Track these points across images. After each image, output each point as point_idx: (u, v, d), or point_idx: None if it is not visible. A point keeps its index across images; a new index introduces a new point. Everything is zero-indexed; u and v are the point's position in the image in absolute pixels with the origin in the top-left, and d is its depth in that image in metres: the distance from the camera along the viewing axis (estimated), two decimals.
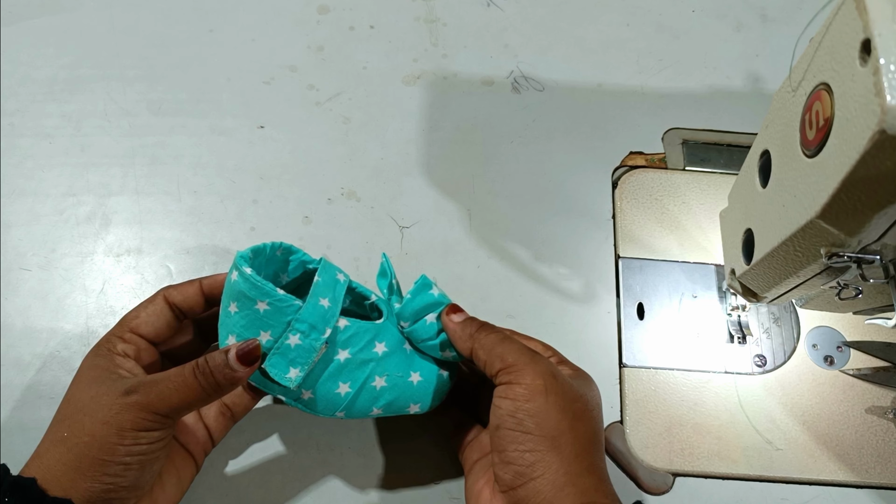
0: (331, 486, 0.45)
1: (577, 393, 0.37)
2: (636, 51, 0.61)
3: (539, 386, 0.35)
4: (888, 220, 0.29)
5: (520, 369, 0.36)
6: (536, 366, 0.36)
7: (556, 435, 0.34)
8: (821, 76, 0.31)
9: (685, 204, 0.54)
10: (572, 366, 0.41)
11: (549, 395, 0.35)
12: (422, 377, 0.41)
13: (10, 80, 0.57)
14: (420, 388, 0.40)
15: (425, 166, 0.55)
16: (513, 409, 0.35)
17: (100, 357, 0.38)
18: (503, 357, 0.36)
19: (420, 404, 0.41)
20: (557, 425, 0.35)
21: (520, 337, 0.42)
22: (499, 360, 0.36)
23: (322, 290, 0.39)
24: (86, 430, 0.35)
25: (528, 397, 0.35)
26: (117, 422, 0.35)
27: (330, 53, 0.60)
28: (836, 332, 0.50)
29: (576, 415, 0.36)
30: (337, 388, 0.39)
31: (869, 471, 0.46)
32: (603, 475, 0.36)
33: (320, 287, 0.39)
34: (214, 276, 0.42)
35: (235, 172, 0.55)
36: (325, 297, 0.39)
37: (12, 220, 0.52)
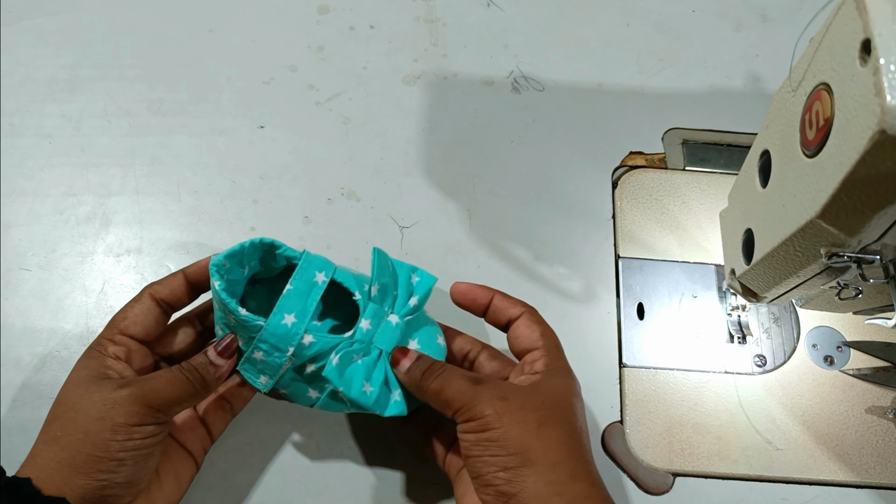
0: (331, 486, 0.45)
1: (537, 402, 0.36)
2: (636, 51, 0.61)
3: (489, 416, 0.35)
4: (888, 220, 0.29)
5: (469, 407, 0.36)
6: (481, 396, 0.36)
7: (522, 450, 0.35)
8: (821, 76, 0.31)
9: (685, 204, 0.54)
10: (552, 363, 0.40)
11: (503, 418, 0.35)
12: (372, 386, 0.39)
13: (10, 80, 0.57)
14: (372, 396, 0.39)
15: (425, 166, 0.55)
16: (475, 440, 0.36)
17: (90, 359, 0.38)
18: (450, 402, 0.37)
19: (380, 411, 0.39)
20: (522, 441, 0.35)
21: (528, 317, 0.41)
22: (448, 407, 0.37)
23: (290, 304, 0.39)
24: (79, 427, 0.35)
25: (483, 427, 0.35)
26: (110, 417, 0.35)
27: (330, 53, 0.60)
28: (836, 332, 0.50)
29: (540, 423, 0.35)
30: (308, 392, 0.41)
31: (869, 471, 0.46)
32: (593, 479, 0.36)
33: (289, 299, 0.39)
34: (196, 263, 0.42)
35: (235, 172, 0.55)
36: (293, 311, 0.38)
37: (12, 220, 0.52)
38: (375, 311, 0.40)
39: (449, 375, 0.38)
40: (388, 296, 0.41)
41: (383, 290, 0.41)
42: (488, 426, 0.35)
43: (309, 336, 0.39)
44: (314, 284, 0.40)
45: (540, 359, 0.40)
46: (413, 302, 0.41)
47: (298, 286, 0.39)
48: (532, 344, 0.41)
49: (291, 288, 0.39)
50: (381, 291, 0.40)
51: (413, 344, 0.41)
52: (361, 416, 0.47)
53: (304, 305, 0.39)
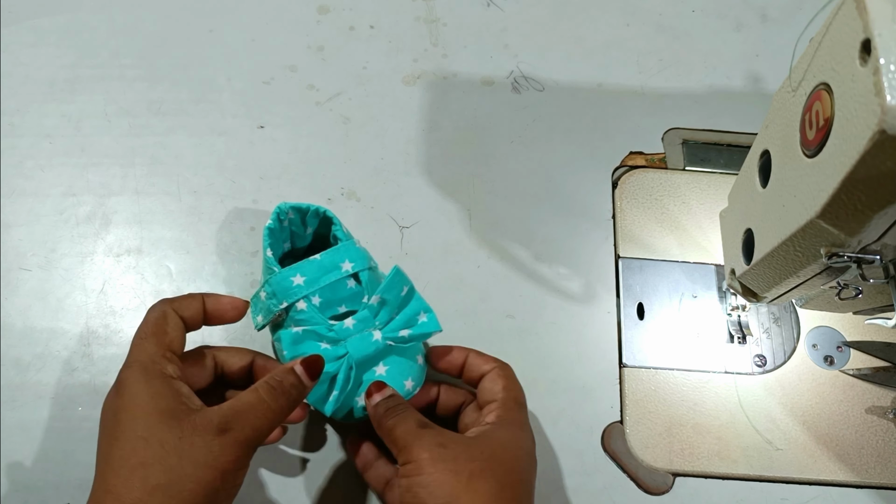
0: (331, 486, 0.45)
1: (475, 452, 0.37)
2: (636, 51, 0.61)
3: (425, 458, 0.36)
4: (888, 220, 0.29)
5: (409, 448, 0.37)
6: (421, 440, 0.37)
7: (450, 500, 0.35)
8: (821, 76, 0.31)
9: (685, 204, 0.54)
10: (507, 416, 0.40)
11: (437, 463, 0.36)
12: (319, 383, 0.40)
13: (10, 80, 0.57)
14: None
15: (425, 166, 0.55)
16: (407, 485, 0.36)
17: (156, 382, 0.36)
18: (396, 441, 0.38)
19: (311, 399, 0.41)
20: (451, 490, 0.35)
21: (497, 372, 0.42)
22: (394, 445, 0.38)
23: (307, 269, 0.42)
24: (188, 474, 0.33)
25: (417, 470, 0.36)
26: (220, 464, 0.34)
27: (330, 53, 0.60)
28: (836, 332, 0.50)
29: (472, 474, 0.36)
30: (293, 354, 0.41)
31: (869, 471, 0.46)
32: None
33: (309, 265, 0.42)
34: (216, 297, 0.41)
35: (235, 172, 0.55)
36: (305, 276, 0.42)
37: (12, 220, 0.52)
38: (364, 318, 0.41)
39: (403, 416, 0.38)
40: (384, 311, 0.42)
41: (382, 304, 0.42)
42: (422, 470, 0.36)
43: (303, 304, 0.41)
44: (338, 268, 0.42)
45: (494, 411, 0.40)
46: (404, 333, 0.42)
47: (325, 261, 0.42)
48: (492, 396, 0.41)
49: (319, 259, 0.42)
50: (380, 305, 0.42)
51: (381, 369, 0.42)
52: None
53: (317, 278, 0.42)
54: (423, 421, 0.38)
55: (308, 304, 0.42)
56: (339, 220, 0.46)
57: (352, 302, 0.45)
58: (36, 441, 0.46)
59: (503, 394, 0.41)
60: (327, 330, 0.41)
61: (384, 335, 0.41)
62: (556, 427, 0.47)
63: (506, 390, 0.41)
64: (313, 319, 0.41)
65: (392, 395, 0.40)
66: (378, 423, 0.39)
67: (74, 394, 0.47)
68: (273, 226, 0.45)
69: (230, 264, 0.51)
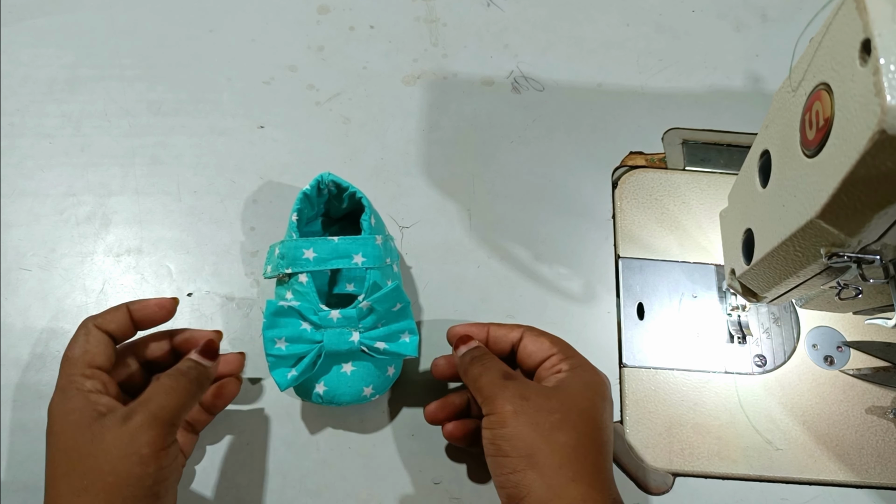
0: (331, 486, 0.45)
1: (555, 403, 0.37)
2: (636, 51, 0.61)
3: (508, 411, 0.37)
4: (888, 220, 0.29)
5: (492, 399, 0.38)
6: (505, 392, 0.37)
7: (531, 453, 0.36)
8: (821, 76, 0.31)
9: (685, 204, 0.54)
10: (574, 361, 0.40)
11: (519, 416, 0.36)
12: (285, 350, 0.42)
13: (10, 80, 0.57)
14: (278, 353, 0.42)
15: (425, 166, 0.55)
16: (490, 437, 0.37)
17: (72, 400, 0.37)
18: (481, 390, 0.39)
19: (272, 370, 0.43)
20: (532, 443, 0.36)
21: (531, 333, 0.42)
22: (479, 394, 0.39)
23: (321, 247, 0.43)
24: (104, 470, 0.34)
25: (500, 423, 0.37)
26: (135, 450, 0.34)
27: (330, 53, 0.60)
28: (836, 332, 0.50)
29: (553, 426, 0.36)
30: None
31: (869, 471, 0.46)
32: (595, 481, 0.36)
33: (324, 245, 0.43)
34: (141, 302, 0.42)
35: (235, 172, 0.55)
36: (318, 253, 0.43)
37: (12, 220, 0.52)
38: (349, 316, 0.42)
39: (489, 366, 0.39)
40: (370, 318, 0.43)
41: (371, 311, 0.43)
42: (505, 423, 0.36)
43: (305, 277, 0.43)
44: (349, 257, 0.44)
45: (563, 360, 0.40)
46: (380, 346, 0.43)
47: (339, 247, 0.44)
48: (546, 352, 0.41)
49: (335, 242, 0.44)
50: (368, 311, 0.43)
51: (347, 367, 0.43)
52: (361, 416, 0.47)
53: (327, 259, 0.43)
54: (507, 371, 0.39)
55: (309, 278, 0.43)
56: (371, 210, 0.47)
57: (360, 286, 0.46)
58: (36, 441, 0.46)
59: (557, 346, 0.41)
60: (313, 313, 0.42)
61: (361, 339, 0.42)
62: None
63: (555, 343, 0.42)
64: (308, 297, 0.43)
65: (477, 345, 0.42)
66: (464, 371, 0.41)
67: None
68: (309, 192, 0.46)
69: (230, 264, 0.51)
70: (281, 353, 0.42)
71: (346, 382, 0.43)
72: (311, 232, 0.51)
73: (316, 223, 0.51)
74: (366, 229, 0.46)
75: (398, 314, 0.44)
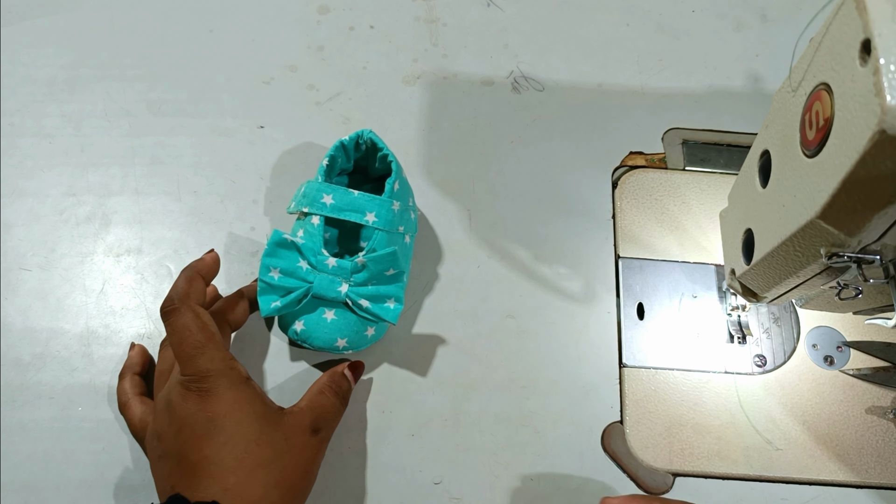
0: (331, 486, 0.45)
1: None
2: (636, 51, 0.61)
3: None
4: (888, 220, 0.29)
5: None
6: None
7: None
8: (821, 76, 0.31)
9: (685, 204, 0.54)
10: None
11: None
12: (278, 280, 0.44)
13: (10, 80, 0.57)
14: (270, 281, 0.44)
15: (425, 166, 0.55)
16: None
17: (243, 388, 0.39)
18: None
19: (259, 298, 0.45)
20: None
21: None
22: None
23: (340, 197, 0.45)
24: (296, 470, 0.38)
25: None
26: (317, 459, 0.40)
27: (330, 53, 0.60)
28: (836, 332, 0.50)
29: None
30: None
31: (869, 471, 0.46)
32: None
33: (344, 196, 0.45)
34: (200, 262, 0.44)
35: (235, 172, 0.55)
36: (335, 201, 0.45)
37: (12, 220, 0.52)
38: (343, 267, 0.44)
39: None
40: (361, 275, 0.44)
41: (364, 268, 0.44)
42: None
43: (317, 220, 0.45)
44: (363, 213, 0.45)
45: None
46: (364, 303, 0.44)
47: (357, 201, 0.45)
48: None
49: (355, 195, 0.46)
50: (362, 267, 0.44)
51: (329, 314, 0.45)
52: (361, 416, 0.47)
53: (341, 209, 0.45)
54: None
55: (321, 221, 0.45)
56: (398, 177, 0.48)
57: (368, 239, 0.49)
58: (36, 441, 0.46)
59: None
60: (312, 255, 0.44)
61: (348, 292, 0.44)
62: (556, 427, 0.47)
63: None
64: (314, 238, 0.45)
65: None
66: None
67: (74, 394, 0.47)
68: (347, 143, 0.48)
69: (230, 264, 0.51)
70: (273, 281, 0.43)
71: (323, 327, 0.45)
72: (338, 182, 0.52)
73: (343, 178, 0.53)
74: (387, 192, 0.47)
75: (390, 279, 0.45)
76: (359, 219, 0.45)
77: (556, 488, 0.46)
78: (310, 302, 0.45)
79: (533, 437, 0.47)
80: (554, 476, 0.46)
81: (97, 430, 0.46)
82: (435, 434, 0.47)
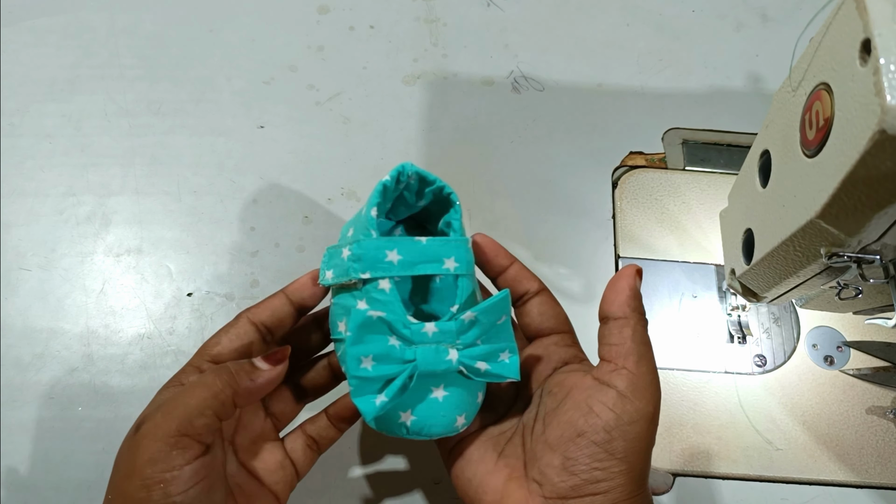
0: (331, 486, 0.45)
1: None
2: (636, 51, 0.61)
3: (648, 414, 0.32)
4: (888, 220, 0.29)
5: (641, 388, 0.32)
6: (655, 391, 0.33)
7: (635, 464, 0.32)
8: (821, 76, 0.31)
9: (685, 204, 0.54)
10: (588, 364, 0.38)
11: (651, 425, 0.32)
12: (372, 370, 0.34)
13: (10, 80, 0.57)
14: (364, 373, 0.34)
15: (425, 166, 0.55)
16: (611, 426, 0.32)
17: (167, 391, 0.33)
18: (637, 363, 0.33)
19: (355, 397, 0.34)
20: (644, 457, 0.32)
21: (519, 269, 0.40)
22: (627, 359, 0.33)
23: (407, 248, 0.36)
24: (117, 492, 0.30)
25: (633, 419, 0.32)
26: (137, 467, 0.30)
27: (330, 53, 0.60)
28: (836, 332, 0.50)
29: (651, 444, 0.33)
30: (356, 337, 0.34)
31: (869, 471, 0.46)
32: None
33: (411, 246, 0.36)
34: (298, 281, 0.38)
35: (235, 172, 0.55)
36: (403, 255, 0.36)
37: (12, 220, 0.52)
38: (448, 330, 0.35)
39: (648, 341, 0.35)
40: (472, 332, 0.35)
41: (474, 324, 0.35)
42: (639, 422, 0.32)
43: (387, 283, 0.35)
44: (440, 262, 0.36)
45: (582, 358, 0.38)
46: (480, 366, 0.35)
47: (429, 249, 0.36)
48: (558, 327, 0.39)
49: (424, 243, 0.36)
50: (471, 324, 0.35)
51: (439, 392, 0.35)
52: None
53: (414, 264, 0.36)
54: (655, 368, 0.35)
55: (392, 285, 0.35)
56: (460, 209, 0.40)
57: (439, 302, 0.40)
58: (36, 441, 0.46)
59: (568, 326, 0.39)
60: (403, 326, 0.34)
61: (461, 358, 0.35)
62: None
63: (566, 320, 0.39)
64: (392, 306, 0.35)
65: None
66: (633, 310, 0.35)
67: (74, 394, 0.47)
68: (389, 184, 0.38)
69: (230, 264, 0.51)
70: (368, 374, 0.34)
71: (438, 411, 0.35)
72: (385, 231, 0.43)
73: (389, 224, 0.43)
74: (457, 229, 0.39)
75: (500, 328, 0.36)
76: (437, 269, 0.36)
77: None
78: (415, 385, 0.34)
79: None
80: None
81: (97, 430, 0.46)
82: None
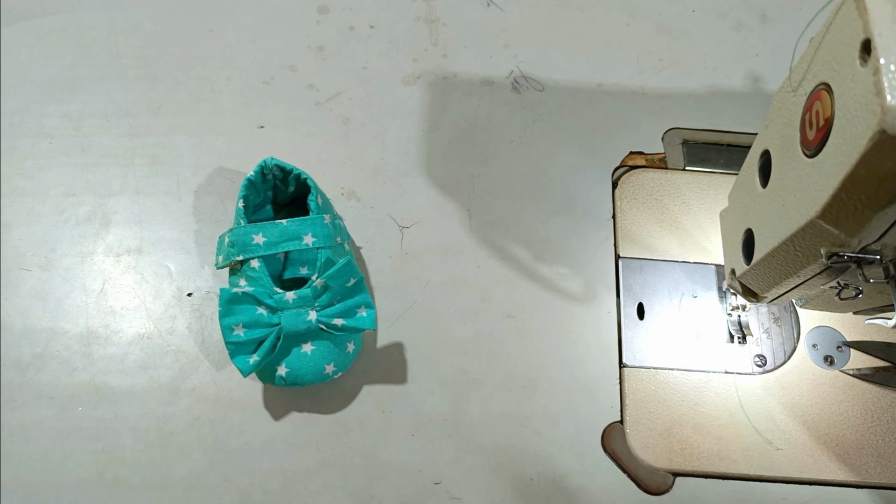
0: (331, 486, 0.45)
1: None
2: (636, 51, 0.61)
3: None
4: (888, 220, 0.29)
5: None
6: None
7: None
8: (821, 76, 0.31)
9: (685, 204, 0.54)
10: None
11: None
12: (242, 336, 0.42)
13: (10, 80, 0.57)
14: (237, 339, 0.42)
15: (425, 166, 0.55)
16: None
17: None
18: None
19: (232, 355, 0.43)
20: None
21: None
22: None
23: (270, 231, 0.44)
24: None
25: None
26: None
27: (330, 53, 0.60)
28: (836, 332, 0.50)
29: None
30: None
31: (869, 471, 0.46)
32: None
33: (273, 229, 0.44)
34: None
35: (235, 172, 0.55)
36: (267, 237, 0.44)
37: (12, 220, 0.52)
38: (305, 295, 0.43)
39: None
40: (325, 296, 0.43)
41: (325, 289, 0.43)
42: None
43: (257, 262, 0.44)
44: (300, 238, 0.44)
45: None
46: (338, 322, 0.43)
47: (289, 229, 0.44)
48: None
49: (284, 224, 0.44)
50: (323, 289, 0.43)
51: (307, 347, 0.44)
52: (361, 416, 0.47)
53: (277, 243, 0.44)
54: None
55: (261, 263, 0.44)
56: (317, 191, 0.47)
57: (312, 267, 0.48)
58: (36, 441, 0.46)
59: None
60: (268, 297, 0.43)
61: (319, 318, 0.43)
62: (556, 427, 0.47)
63: None
64: (261, 281, 0.43)
65: None
66: None
67: (74, 394, 0.47)
68: (254, 178, 0.47)
69: None
70: (240, 339, 0.42)
71: (307, 362, 0.44)
72: (262, 219, 0.51)
73: (266, 210, 0.51)
74: (313, 209, 0.46)
75: (353, 289, 0.44)
76: (297, 245, 0.44)
77: (556, 488, 0.46)
78: (283, 344, 0.44)
79: (533, 437, 0.47)
80: (554, 476, 0.46)
81: (97, 430, 0.46)
82: (435, 434, 0.47)
